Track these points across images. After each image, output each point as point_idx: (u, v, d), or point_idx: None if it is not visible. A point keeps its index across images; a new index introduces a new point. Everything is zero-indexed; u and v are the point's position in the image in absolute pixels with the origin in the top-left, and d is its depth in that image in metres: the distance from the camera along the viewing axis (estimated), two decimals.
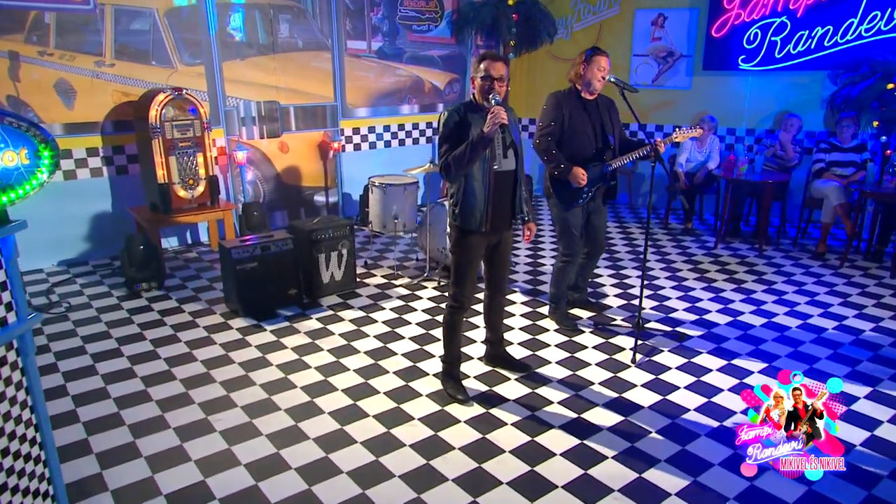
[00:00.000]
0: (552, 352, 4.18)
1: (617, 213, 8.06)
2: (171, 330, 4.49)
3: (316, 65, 7.07)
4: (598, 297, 5.13)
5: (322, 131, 7.28)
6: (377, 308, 4.93)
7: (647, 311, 4.83)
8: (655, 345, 4.25)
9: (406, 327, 4.57)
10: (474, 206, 3.34)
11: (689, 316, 4.75)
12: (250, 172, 6.80)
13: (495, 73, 3.22)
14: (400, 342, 4.33)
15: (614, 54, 8.07)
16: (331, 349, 4.21)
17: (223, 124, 6.50)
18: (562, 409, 3.49)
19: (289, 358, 4.08)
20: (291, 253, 4.89)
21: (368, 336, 4.43)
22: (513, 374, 3.86)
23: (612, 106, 4.32)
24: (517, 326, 4.57)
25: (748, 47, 7.21)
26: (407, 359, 4.09)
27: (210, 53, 6.28)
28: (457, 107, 3.32)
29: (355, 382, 3.78)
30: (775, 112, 7.30)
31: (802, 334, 4.42)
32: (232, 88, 6.50)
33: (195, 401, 3.56)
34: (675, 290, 5.27)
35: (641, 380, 3.80)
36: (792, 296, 5.15)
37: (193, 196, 5.70)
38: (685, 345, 4.26)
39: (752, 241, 6.64)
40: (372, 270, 5.80)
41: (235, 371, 3.90)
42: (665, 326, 4.55)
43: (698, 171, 6.89)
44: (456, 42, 8.20)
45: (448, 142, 3.26)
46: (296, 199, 7.27)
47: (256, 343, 4.28)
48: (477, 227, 3.37)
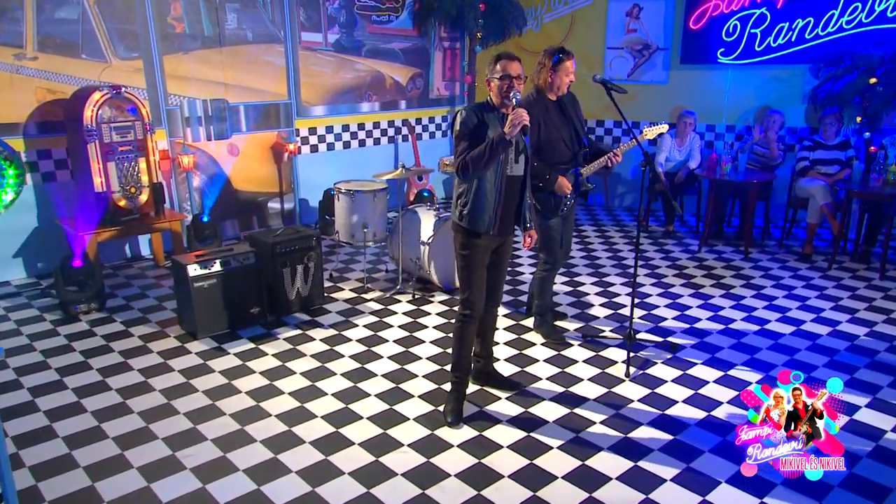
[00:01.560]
0: (542, 367, 4.30)
1: (593, 216, 8.29)
2: (121, 357, 4.43)
3: (267, 59, 7.07)
4: (584, 306, 5.30)
5: (275, 132, 7.27)
6: (349, 325, 4.97)
7: (636, 320, 5.00)
8: (648, 357, 4.42)
9: (383, 345, 4.63)
10: (485, 208, 3.50)
11: (680, 325, 4.95)
12: (196, 178, 6.75)
13: (514, 71, 3.40)
14: (378, 362, 4.38)
15: (587, 47, 8.32)
16: (304, 372, 4.24)
17: (165, 125, 6.43)
18: (558, 428, 3.61)
19: (259, 383, 4.09)
20: (254, 268, 4.90)
21: (343, 356, 4.47)
22: (503, 393, 3.97)
23: (576, 101, 4.52)
24: (502, 341, 4.68)
25: (727, 40, 7.52)
26: (388, 380, 4.15)
27: (149, 46, 6.21)
28: (473, 106, 3.49)
29: (335, 408, 3.82)
30: (756, 107, 7.62)
31: (797, 341, 4.66)
32: (174, 85, 6.44)
33: (158, 436, 3.54)
34: (662, 298, 5.47)
35: (637, 394, 3.96)
36: (782, 300, 5.41)
37: (136, 206, 5.63)
38: (678, 356, 4.44)
39: (737, 244, 6.94)
40: (339, 283, 5.83)
41: (200, 400, 3.89)
42: (656, 337, 4.73)
43: (679, 170, 7.15)
44: (418, 34, 8.30)
45: (466, 141, 3.41)
46: (248, 207, 7.24)
47: (221, 368, 4.28)
48: (486, 231, 3.52)
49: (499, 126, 3.40)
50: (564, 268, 6.21)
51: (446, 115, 8.96)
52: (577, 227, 7.74)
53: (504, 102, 3.43)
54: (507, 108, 3.42)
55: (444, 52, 8.74)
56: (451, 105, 8.99)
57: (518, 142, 3.49)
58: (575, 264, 6.35)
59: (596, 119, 8.53)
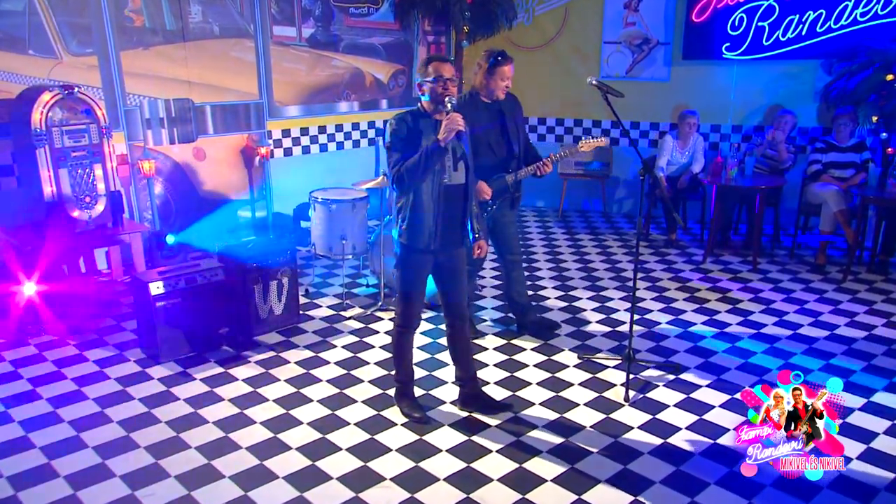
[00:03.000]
0: (534, 391, 4.33)
1: (590, 224, 8.35)
2: (74, 385, 4.40)
3: (236, 55, 7.07)
4: (580, 323, 5.34)
5: (245, 134, 7.27)
6: (327, 346, 4.98)
7: (636, 339, 5.04)
8: (649, 379, 4.47)
9: (364, 368, 4.65)
10: (423, 222, 3.63)
11: (683, 343, 5.00)
12: (158, 185, 6.73)
13: (446, 73, 3.54)
14: (359, 387, 4.40)
15: (582, 42, 8.41)
16: (278, 399, 4.24)
17: (124, 127, 6.41)
18: (552, 459, 3.63)
19: (228, 412, 4.09)
20: (222, 284, 4.90)
21: (321, 381, 4.48)
22: (493, 420, 3.99)
23: (516, 105, 4.68)
24: (492, 362, 4.71)
25: (733, 34, 7.61)
26: (369, 406, 4.16)
27: (104, 41, 6.19)
28: (405, 114, 3.61)
29: (311, 438, 3.83)
30: (764, 106, 7.73)
31: (810, 361, 4.72)
32: (133, 83, 6.42)
33: (116, 473, 3.52)
34: (664, 314, 5.53)
35: (638, 420, 4.00)
36: (794, 316, 5.48)
37: (91, 216, 5.61)
38: (682, 378, 4.49)
39: (744, 253, 7.01)
40: (316, 300, 5.85)
41: (163, 432, 3.88)
42: (657, 357, 4.77)
43: (681, 174, 7.23)
44: (401, 28, 8.35)
45: (399, 151, 3.53)
46: (215, 216, 7.20)
47: (186, 396, 4.27)
48: (426, 246, 3.66)
49: (433, 133, 3.51)
50: (557, 280, 6.26)
51: None
52: (572, 235, 7.80)
53: (438, 108, 3.55)
54: (441, 113, 3.53)
55: (429, 47, 8.79)
56: None
57: (455, 148, 3.60)
58: (571, 277, 6.40)
59: (592, 119, 8.60)
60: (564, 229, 8.10)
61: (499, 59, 4.39)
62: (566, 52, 8.57)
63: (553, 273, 6.49)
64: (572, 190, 8.75)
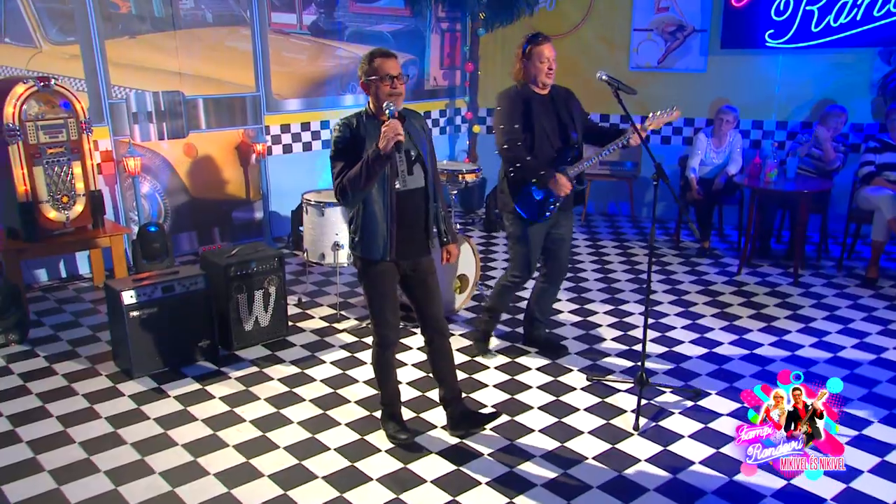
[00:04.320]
0: (535, 416, 4.27)
1: (616, 228, 8.24)
2: (38, 400, 4.43)
3: (231, 44, 7.12)
4: (593, 340, 5.26)
5: (241, 130, 7.31)
6: (315, 362, 4.97)
7: (654, 358, 4.96)
8: (664, 405, 4.38)
9: (352, 387, 4.62)
10: (376, 231, 3.65)
11: (706, 365, 4.89)
12: (146, 184, 6.79)
13: (393, 70, 3.54)
14: (344, 407, 4.37)
15: (610, 29, 8.32)
16: (255, 420, 4.23)
17: (108, 122, 6.49)
18: (546, 496, 3.55)
19: (199, 433, 4.09)
20: (203, 294, 4.92)
21: (304, 400, 4.47)
22: (485, 448, 3.94)
23: (571, 97, 4.67)
24: (492, 383, 4.66)
25: (777, 19, 7.47)
26: (352, 430, 4.13)
27: (87, 28, 6.27)
28: (349, 118, 3.61)
29: (287, 464, 3.81)
30: (813, 100, 7.58)
31: (851, 390, 4.57)
32: (119, 75, 6.50)
33: (71, 500, 3.52)
34: (687, 332, 5.42)
35: (646, 452, 3.92)
36: (835, 337, 5.33)
37: (68, 218, 5.67)
38: (701, 404, 4.39)
39: (786, 264, 6.86)
40: (308, 310, 5.85)
41: (126, 455, 3.89)
42: (675, 380, 4.68)
43: (716, 176, 7.09)
44: (411, 14, 8.36)
45: (342, 160, 3.54)
46: (208, 218, 7.28)
47: (156, 415, 4.28)
48: (381, 256, 3.67)
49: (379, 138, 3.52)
50: (573, 292, 6.18)
51: (445, 109, 8.97)
52: (594, 242, 7.71)
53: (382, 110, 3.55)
54: (383, 115, 3.52)
55: (443, 35, 8.78)
56: (450, 97, 9.01)
57: (409, 150, 3.62)
58: (588, 288, 6.32)
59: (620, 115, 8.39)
60: (586, 235, 8.02)
61: (531, 42, 4.43)
62: (592, 40, 8.48)
63: (569, 283, 6.40)
64: (597, 192, 8.66)
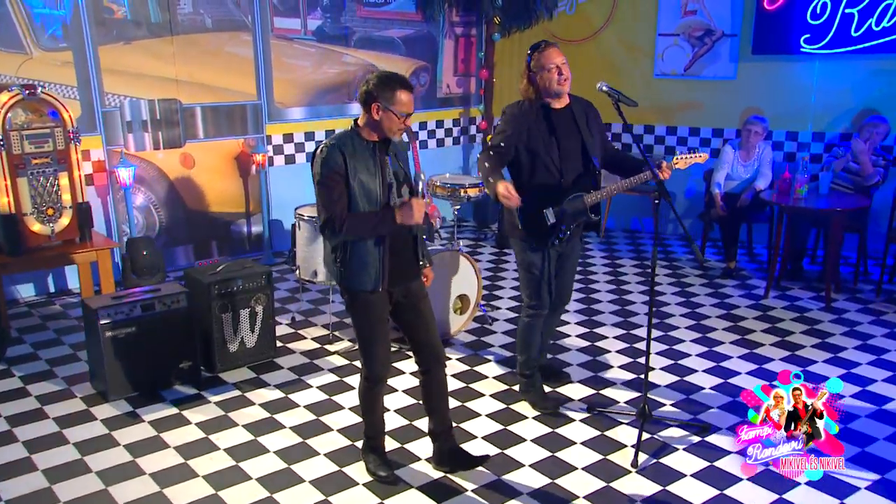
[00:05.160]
0: (527, 449, 4.19)
1: (636, 246, 8.15)
2: (6, 424, 4.44)
3: (231, 50, 7.17)
4: (600, 368, 5.17)
5: (241, 139, 7.35)
6: (301, 386, 4.95)
7: (662, 389, 4.86)
8: (668, 440, 4.27)
9: (336, 414, 4.59)
10: (367, 261, 3.58)
11: (719, 398, 4.77)
12: (140, 196, 6.85)
13: (412, 107, 3.51)
14: (325, 436, 4.34)
15: (633, 34, 8.26)
16: (230, 448, 4.21)
17: (101, 131, 6.56)
18: None
19: (169, 462, 4.07)
20: (185, 312, 4.93)
21: (284, 427, 4.44)
22: (470, 484, 3.87)
23: (591, 110, 4.47)
24: (485, 412, 4.60)
25: (814, 23, 7.33)
26: (331, 461, 4.10)
27: (80, 34, 6.34)
28: (336, 141, 3.50)
29: (257, 497, 3.78)
30: (852, 110, 7.42)
31: (877, 428, 4.40)
32: (113, 82, 6.57)
33: None
34: (702, 360, 5.31)
35: (644, 491, 3.82)
36: (866, 369, 5.18)
37: (54, 231, 5.72)
38: (708, 440, 4.27)
39: (819, 287, 6.69)
40: (301, 330, 5.84)
41: (89, 484, 3.87)
42: (684, 413, 4.57)
43: (742, 191, 6.96)
44: (423, 19, 8.35)
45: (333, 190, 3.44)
46: (205, 231, 7.32)
47: (128, 441, 4.28)
48: (373, 287, 3.60)
49: (370, 161, 3.48)
50: (583, 314, 6.09)
51: (458, 119, 8.95)
52: (612, 260, 7.61)
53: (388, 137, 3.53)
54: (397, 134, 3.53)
55: (457, 40, 8.77)
56: (464, 106, 8.99)
57: (397, 172, 3.60)
58: (600, 311, 6.22)
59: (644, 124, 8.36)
60: (605, 252, 7.92)
61: (534, 51, 4.24)
62: (615, 45, 8.41)
63: (580, 305, 6.32)
64: (619, 207, 8.55)
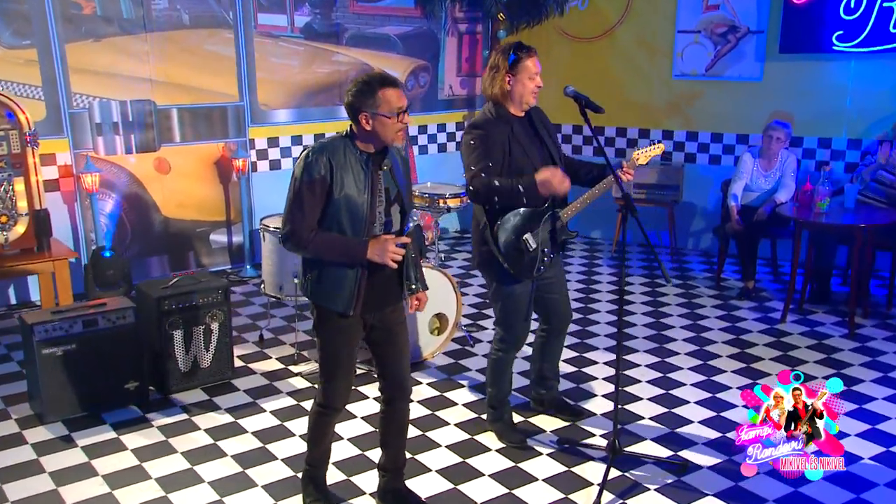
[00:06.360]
0: (482, 486, 4.10)
1: (650, 262, 8.07)
2: None
3: (211, 48, 7.22)
4: (582, 396, 5.07)
5: (221, 143, 7.39)
6: (254, 410, 4.92)
7: (645, 421, 4.74)
8: (640, 478, 4.14)
9: (284, 442, 4.55)
10: (342, 279, 3.44)
11: (707, 432, 4.63)
12: (110, 203, 6.90)
13: (403, 101, 3.35)
14: (266, 466, 4.29)
15: (650, 31, 8.20)
16: (162, 478, 4.18)
17: (68, 133, 6.63)
18: None
19: (93, 492, 4.05)
20: (132, 329, 4.93)
21: (225, 455, 4.40)
22: None
23: (543, 115, 4.42)
24: (444, 443, 4.52)
25: (847, 18, 7.23)
26: (268, 493, 4.04)
27: (45, 31, 6.42)
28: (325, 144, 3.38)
29: None
30: (893, 114, 7.26)
31: (884, 473, 4.22)
32: (81, 82, 6.65)
33: None
34: (696, 390, 5.18)
35: None
36: (881, 405, 4.98)
37: (8, 240, 5.79)
38: (686, 479, 4.14)
39: (846, 311, 6.48)
40: (268, 349, 5.83)
41: None
42: (662, 449, 4.44)
43: (762, 204, 6.79)
44: (423, 14, 8.35)
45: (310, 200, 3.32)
46: (182, 241, 7.37)
47: (55, 467, 4.27)
48: (344, 310, 3.46)
49: (362, 172, 3.37)
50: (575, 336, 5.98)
51: (463, 122, 8.90)
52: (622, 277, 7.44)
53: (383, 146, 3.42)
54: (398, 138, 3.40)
55: (460, 38, 8.77)
56: (469, 108, 8.94)
57: (388, 188, 3.46)
58: (595, 333, 6.10)
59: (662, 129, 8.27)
60: (614, 269, 7.80)
61: (519, 53, 4.12)
62: (630, 43, 8.34)
63: (576, 327, 6.20)
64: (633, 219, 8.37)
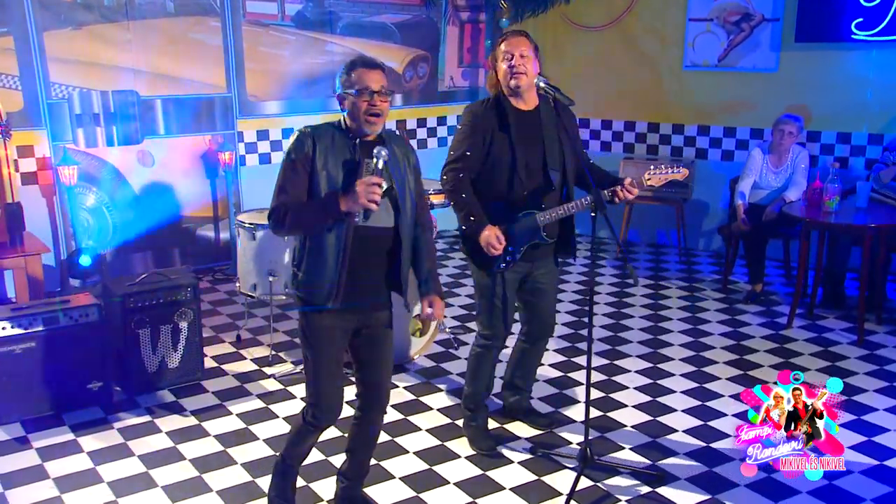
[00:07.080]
0: (445, 495, 4.08)
1: (658, 262, 8.01)
2: None
3: (197, 37, 7.26)
4: (564, 402, 5.03)
5: (208, 136, 7.42)
6: (220, 413, 4.94)
7: (626, 429, 4.70)
8: (612, 489, 4.10)
9: (246, 446, 4.55)
10: (323, 269, 3.42)
11: (691, 442, 4.57)
12: (92, 197, 6.95)
13: (374, 84, 3.34)
14: (225, 471, 4.30)
15: (661, 20, 8.20)
16: (115, 481, 4.20)
17: (47, 125, 6.68)
18: None
19: (43, 495, 4.07)
20: (96, 327, 4.96)
21: (184, 459, 4.41)
22: None
23: (566, 115, 4.28)
24: (413, 449, 4.51)
25: (867, 5, 7.17)
26: (221, 500, 4.04)
27: (22, 18, 6.47)
28: (315, 128, 3.40)
29: None
30: None
31: (872, 488, 4.14)
32: (61, 71, 6.70)
33: None
34: (686, 398, 5.12)
35: None
36: (882, 416, 4.89)
37: None
38: (659, 492, 4.09)
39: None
40: (244, 350, 5.86)
41: None
42: (639, 458, 4.40)
43: (770, 203, 6.70)
44: (422, 2, 8.36)
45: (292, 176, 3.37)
46: (166, 237, 7.41)
47: (4, 469, 4.30)
48: (324, 302, 3.45)
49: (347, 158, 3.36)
50: (566, 340, 5.95)
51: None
52: (624, 279, 7.40)
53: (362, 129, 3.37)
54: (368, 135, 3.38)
55: (462, 27, 8.77)
56: (471, 99, 8.89)
57: (390, 188, 3.41)
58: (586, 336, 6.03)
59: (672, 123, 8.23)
60: (618, 270, 7.74)
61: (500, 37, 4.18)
62: (639, 32, 8.33)
63: (568, 330, 6.16)
64: (642, 218, 8.39)
